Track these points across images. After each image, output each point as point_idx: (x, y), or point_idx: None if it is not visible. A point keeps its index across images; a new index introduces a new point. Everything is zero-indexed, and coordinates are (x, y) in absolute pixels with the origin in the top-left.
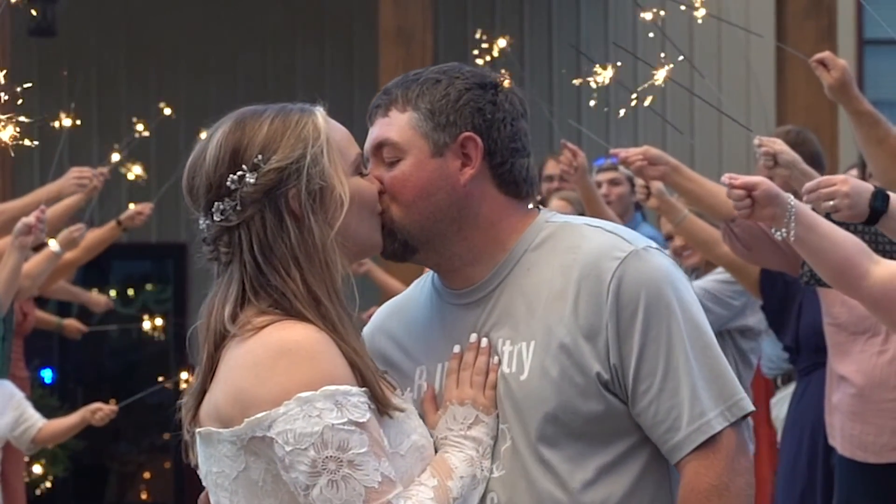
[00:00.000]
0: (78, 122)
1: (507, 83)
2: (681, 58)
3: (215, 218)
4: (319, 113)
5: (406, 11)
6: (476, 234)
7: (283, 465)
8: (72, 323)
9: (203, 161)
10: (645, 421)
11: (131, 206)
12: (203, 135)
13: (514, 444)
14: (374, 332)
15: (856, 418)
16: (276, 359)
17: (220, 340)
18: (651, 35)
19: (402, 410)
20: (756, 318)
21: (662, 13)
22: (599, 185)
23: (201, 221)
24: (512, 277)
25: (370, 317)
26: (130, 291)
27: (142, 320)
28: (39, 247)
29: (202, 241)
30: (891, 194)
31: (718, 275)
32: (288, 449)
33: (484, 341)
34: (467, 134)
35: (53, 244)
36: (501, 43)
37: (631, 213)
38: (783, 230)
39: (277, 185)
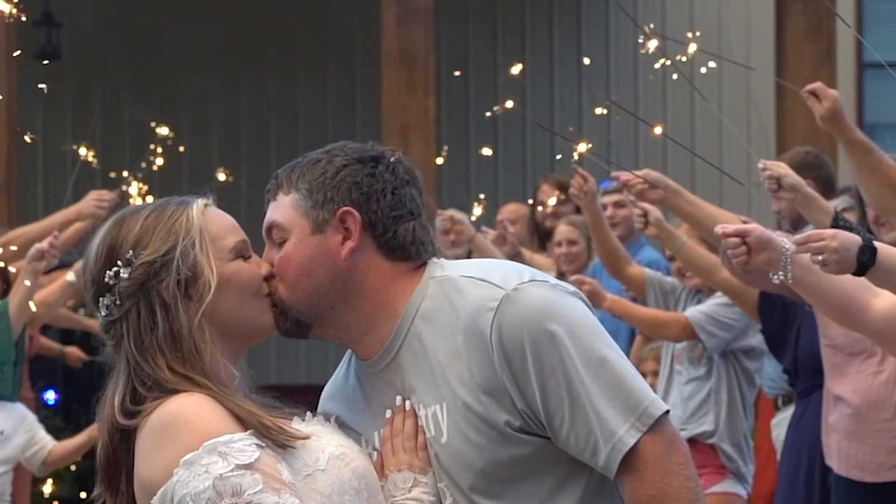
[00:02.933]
0: (91, 155)
1: (393, 156)
2: (675, 76)
3: (102, 313)
4: (197, 205)
5: (408, 34)
6: (364, 304)
7: None
8: (73, 351)
9: (88, 259)
10: (571, 450)
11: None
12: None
13: (455, 501)
14: (325, 416)
15: (852, 438)
16: (158, 437)
17: (116, 432)
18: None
19: (303, 438)
20: (759, 339)
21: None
22: (605, 207)
23: (98, 316)
24: (408, 343)
25: None
26: None
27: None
28: (51, 270)
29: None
30: (878, 245)
31: (718, 298)
32: None
33: (408, 404)
34: (345, 208)
35: (70, 275)
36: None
37: (635, 235)
38: (780, 273)
39: (150, 278)
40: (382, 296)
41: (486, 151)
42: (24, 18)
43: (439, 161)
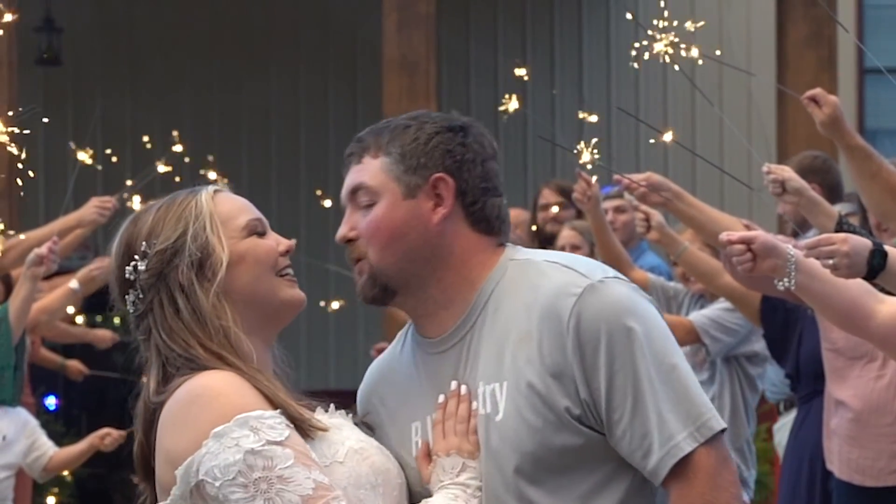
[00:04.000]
0: (90, 160)
1: (478, 129)
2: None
3: (130, 310)
4: (206, 192)
5: (410, 41)
6: (448, 274)
7: (220, 502)
8: (74, 364)
9: (110, 260)
10: (622, 449)
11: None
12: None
13: (492, 484)
14: (368, 395)
15: (853, 443)
16: (186, 408)
17: (150, 415)
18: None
19: (324, 430)
20: (762, 344)
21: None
22: (606, 212)
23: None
24: (482, 319)
25: (380, 351)
26: None
27: (141, 374)
28: (49, 275)
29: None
30: (888, 249)
31: (722, 303)
32: (217, 484)
33: (463, 388)
34: (438, 175)
35: (73, 283)
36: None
37: (636, 240)
38: (785, 280)
39: (165, 266)
40: (465, 268)
41: None
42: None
43: None
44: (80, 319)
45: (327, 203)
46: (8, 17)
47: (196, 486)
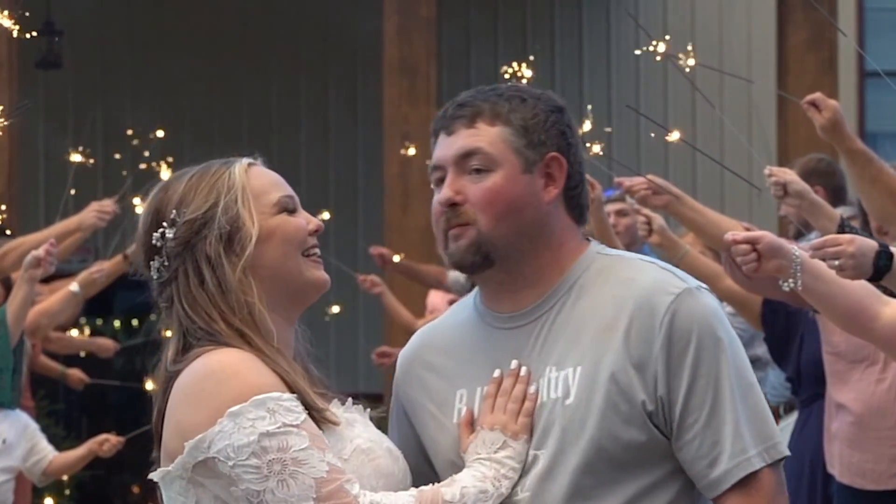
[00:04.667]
0: (91, 160)
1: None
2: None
3: (154, 276)
4: (240, 164)
5: (410, 44)
6: (546, 254)
7: (231, 482)
8: (75, 373)
9: (137, 226)
10: (686, 454)
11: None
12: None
13: (547, 468)
14: (412, 360)
15: (854, 446)
16: (202, 382)
17: (167, 382)
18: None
19: (335, 423)
20: (764, 349)
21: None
22: (608, 215)
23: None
24: (561, 304)
25: (381, 356)
26: (135, 322)
27: (143, 380)
28: (49, 278)
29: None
30: (894, 251)
31: (725, 308)
32: (230, 464)
33: (524, 369)
34: (554, 154)
35: (74, 285)
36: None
37: (638, 244)
38: (790, 281)
39: (194, 236)
40: (561, 250)
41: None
42: (18, 29)
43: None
44: (80, 321)
45: (325, 215)
46: (7, 23)
47: (204, 461)
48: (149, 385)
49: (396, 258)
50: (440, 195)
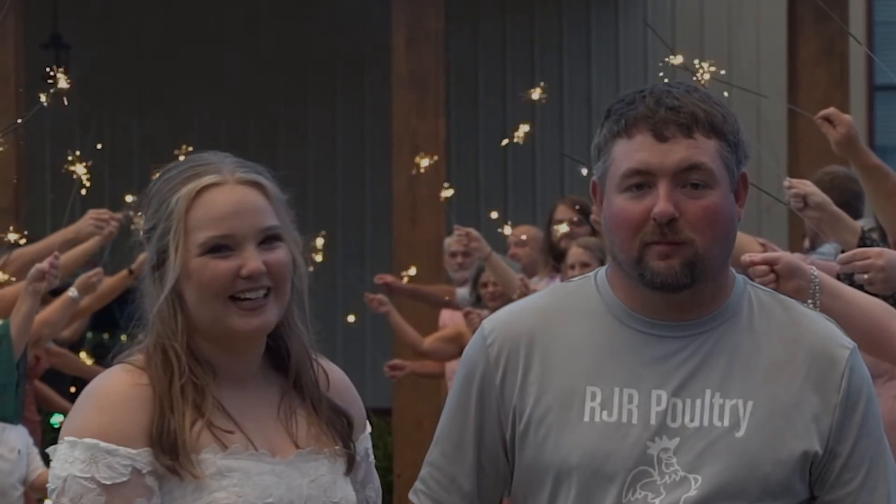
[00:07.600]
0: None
1: None
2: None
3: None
4: (193, 187)
5: (419, 56)
6: (723, 275)
7: None
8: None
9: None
10: None
11: (142, 255)
12: None
13: (704, 497)
14: (518, 335)
15: None
16: (83, 399)
17: None
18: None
19: (196, 477)
20: None
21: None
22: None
23: None
24: (728, 328)
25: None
26: (142, 337)
27: None
28: (54, 291)
29: None
30: None
31: None
32: (48, 486)
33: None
34: (744, 171)
35: (72, 290)
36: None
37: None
38: (809, 301)
39: (147, 243)
40: (729, 271)
41: (493, 215)
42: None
43: (448, 190)
44: (87, 336)
45: (319, 240)
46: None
47: None
48: None
49: (410, 272)
50: (658, 208)
